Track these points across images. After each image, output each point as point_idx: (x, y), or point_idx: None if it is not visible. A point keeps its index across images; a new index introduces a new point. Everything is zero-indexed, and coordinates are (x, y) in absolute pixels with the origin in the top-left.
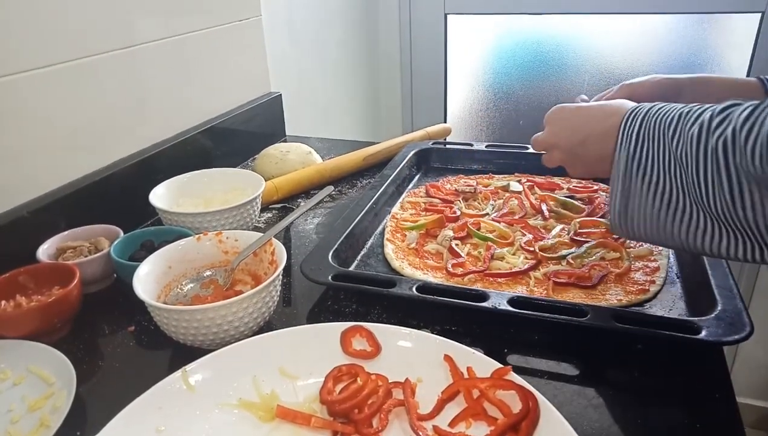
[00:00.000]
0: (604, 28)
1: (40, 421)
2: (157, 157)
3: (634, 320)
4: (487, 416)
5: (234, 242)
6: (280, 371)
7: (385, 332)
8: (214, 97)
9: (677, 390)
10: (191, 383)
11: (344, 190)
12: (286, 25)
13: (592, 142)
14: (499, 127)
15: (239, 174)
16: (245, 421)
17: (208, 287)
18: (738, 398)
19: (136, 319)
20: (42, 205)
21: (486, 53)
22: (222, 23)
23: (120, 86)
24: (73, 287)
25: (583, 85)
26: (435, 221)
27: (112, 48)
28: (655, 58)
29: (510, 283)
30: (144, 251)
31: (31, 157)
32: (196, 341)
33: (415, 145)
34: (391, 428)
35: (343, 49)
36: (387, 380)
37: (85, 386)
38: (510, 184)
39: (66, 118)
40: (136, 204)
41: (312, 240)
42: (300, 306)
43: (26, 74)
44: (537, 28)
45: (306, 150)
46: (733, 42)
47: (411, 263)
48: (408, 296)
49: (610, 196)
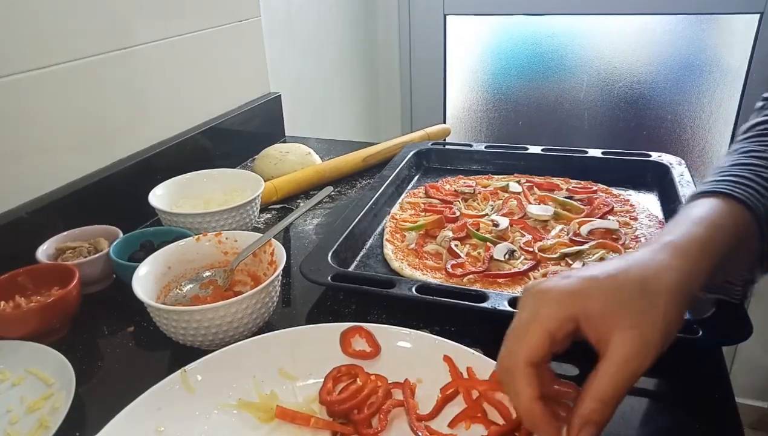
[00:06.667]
0: (604, 28)
1: (39, 422)
2: (157, 158)
3: None
4: (486, 420)
5: (233, 243)
6: (279, 372)
7: (384, 332)
8: (214, 97)
9: (676, 391)
10: (191, 384)
11: (343, 190)
12: (285, 26)
13: None
14: (498, 127)
15: (238, 175)
16: (245, 421)
17: (207, 287)
18: (737, 398)
19: (136, 319)
20: (41, 206)
21: (485, 54)
22: (221, 24)
23: (119, 87)
24: (72, 288)
25: (583, 86)
26: (434, 222)
27: (112, 49)
28: (654, 58)
29: (509, 283)
30: (143, 251)
31: (30, 158)
32: (195, 342)
33: (414, 146)
34: (391, 428)
35: (342, 49)
36: (386, 381)
37: (84, 386)
38: (509, 184)
39: (65, 118)
40: (135, 205)
41: (311, 241)
42: (299, 306)
43: (26, 75)
44: (536, 28)
45: (305, 151)
46: (732, 42)
47: (410, 263)
48: (407, 297)
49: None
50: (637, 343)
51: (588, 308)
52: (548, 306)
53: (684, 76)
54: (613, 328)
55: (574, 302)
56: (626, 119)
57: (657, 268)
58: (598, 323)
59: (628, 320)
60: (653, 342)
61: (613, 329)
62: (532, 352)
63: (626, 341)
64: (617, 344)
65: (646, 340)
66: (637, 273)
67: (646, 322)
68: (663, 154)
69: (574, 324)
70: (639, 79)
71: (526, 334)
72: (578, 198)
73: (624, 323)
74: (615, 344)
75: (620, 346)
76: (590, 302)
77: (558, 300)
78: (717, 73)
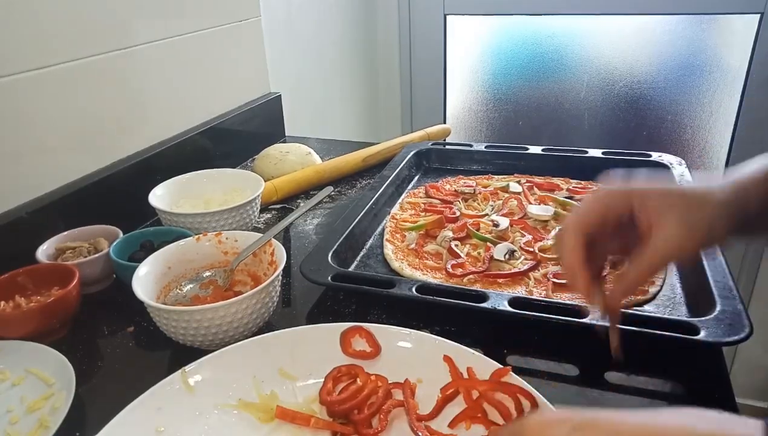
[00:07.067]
0: (604, 28)
1: (40, 422)
2: (157, 158)
3: (634, 321)
4: (487, 420)
5: (233, 243)
6: (279, 372)
7: (384, 332)
8: (214, 97)
9: (677, 391)
10: (190, 384)
11: (344, 190)
12: (285, 26)
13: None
14: (498, 127)
15: (238, 175)
16: (245, 421)
17: (207, 287)
18: (737, 398)
19: (136, 319)
20: (41, 206)
21: (485, 54)
22: (221, 24)
23: (119, 87)
24: (72, 288)
25: (583, 86)
26: (434, 222)
27: (111, 49)
28: (654, 59)
29: (509, 283)
30: (143, 251)
31: (30, 158)
32: (195, 342)
33: (414, 146)
34: (391, 428)
35: (342, 49)
36: (386, 381)
37: (84, 386)
38: (509, 184)
39: (65, 118)
40: (135, 205)
41: (311, 241)
42: (299, 307)
43: (26, 75)
44: (536, 28)
45: (305, 151)
46: (732, 43)
47: (410, 263)
48: (407, 297)
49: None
50: (683, 229)
51: (645, 199)
52: (610, 191)
53: (684, 77)
54: (663, 216)
55: (634, 194)
56: (626, 119)
57: (708, 188)
58: (652, 212)
59: (677, 213)
60: (695, 235)
61: (663, 217)
62: (583, 218)
63: (672, 226)
64: (664, 227)
65: (689, 229)
66: (690, 188)
67: (692, 218)
68: (663, 155)
69: (629, 208)
70: (639, 79)
71: (585, 206)
72: (578, 198)
73: (674, 213)
74: (663, 226)
75: (667, 228)
76: (648, 196)
77: (621, 189)
78: (717, 73)
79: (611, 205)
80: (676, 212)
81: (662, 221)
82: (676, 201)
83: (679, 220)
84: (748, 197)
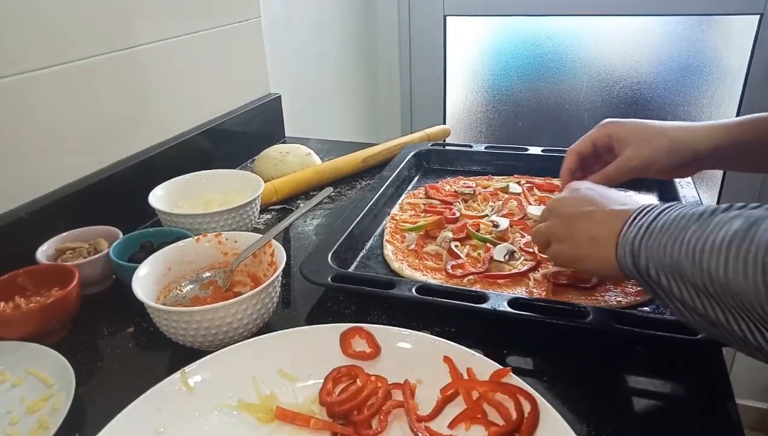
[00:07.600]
0: (604, 29)
1: (39, 423)
2: (157, 159)
3: (634, 322)
4: (486, 420)
5: (233, 244)
6: (279, 373)
7: (384, 333)
8: (214, 98)
9: (676, 391)
10: (190, 385)
11: (343, 191)
12: (285, 27)
13: (596, 218)
14: (498, 128)
15: (238, 175)
16: (244, 422)
17: (207, 288)
18: (737, 399)
19: (135, 320)
20: (41, 207)
21: (485, 55)
22: (221, 25)
23: (119, 88)
24: (72, 289)
25: (582, 87)
26: (434, 223)
27: (112, 49)
28: (654, 59)
29: (509, 284)
30: (143, 252)
31: (30, 159)
32: (195, 343)
33: (414, 147)
34: (391, 429)
35: (342, 50)
36: (386, 382)
37: (84, 387)
38: (509, 185)
39: (65, 119)
40: (135, 205)
41: (311, 241)
42: (299, 307)
43: (25, 75)
44: (536, 29)
45: (305, 151)
46: (731, 44)
47: (410, 264)
48: (407, 298)
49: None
50: (637, 152)
51: (620, 131)
52: (596, 128)
53: (684, 77)
54: (630, 142)
55: (612, 128)
56: None
57: (673, 125)
58: (623, 140)
59: (641, 138)
60: (655, 155)
61: (631, 142)
62: (578, 146)
63: (630, 150)
64: (629, 149)
65: (649, 150)
66: (659, 124)
67: (654, 142)
68: None
69: (609, 139)
70: (639, 80)
71: (581, 139)
72: None
73: (638, 139)
74: (628, 149)
75: (625, 152)
76: (620, 130)
77: (604, 126)
78: (717, 74)
79: (597, 137)
80: (639, 139)
81: (624, 147)
82: (641, 133)
83: (640, 146)
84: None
